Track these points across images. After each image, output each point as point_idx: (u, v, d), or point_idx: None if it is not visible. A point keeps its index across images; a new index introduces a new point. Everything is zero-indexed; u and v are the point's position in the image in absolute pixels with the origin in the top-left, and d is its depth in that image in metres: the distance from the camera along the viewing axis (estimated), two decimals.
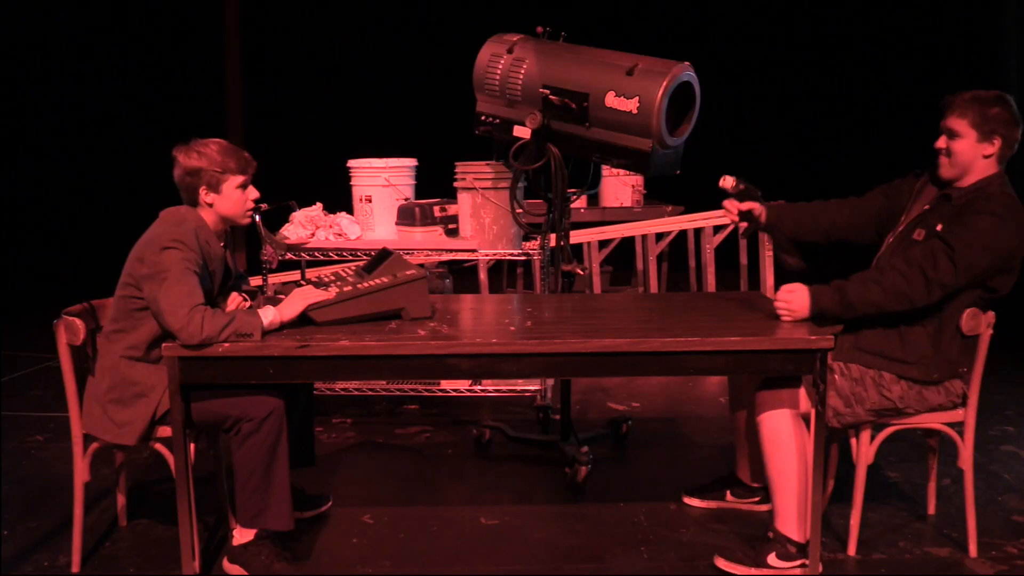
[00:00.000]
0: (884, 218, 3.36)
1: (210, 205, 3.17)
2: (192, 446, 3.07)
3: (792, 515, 3.13)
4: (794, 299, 3.10)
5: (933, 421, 3.25)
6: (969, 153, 3.11)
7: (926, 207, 3.21)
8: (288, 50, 9.14)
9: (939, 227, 3.09)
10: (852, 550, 3.28)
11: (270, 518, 3.07)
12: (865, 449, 3.23)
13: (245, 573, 3.09)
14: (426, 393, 4.85)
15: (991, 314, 3.15)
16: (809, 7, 8.67)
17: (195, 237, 3.07)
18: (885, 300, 3.04)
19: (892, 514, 3.62)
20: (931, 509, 3.61)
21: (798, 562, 3.13)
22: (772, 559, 3.13)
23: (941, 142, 3.15)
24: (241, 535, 3.12)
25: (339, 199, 4.91)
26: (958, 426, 3.24)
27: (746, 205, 3.37)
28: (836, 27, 8.59)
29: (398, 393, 4.91)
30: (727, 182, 3.36)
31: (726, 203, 3.40)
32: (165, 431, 3.12)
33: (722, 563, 3.19)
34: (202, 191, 3.15)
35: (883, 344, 3.16)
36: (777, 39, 9.01)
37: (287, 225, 4.76)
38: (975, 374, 3.19)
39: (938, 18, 7.28)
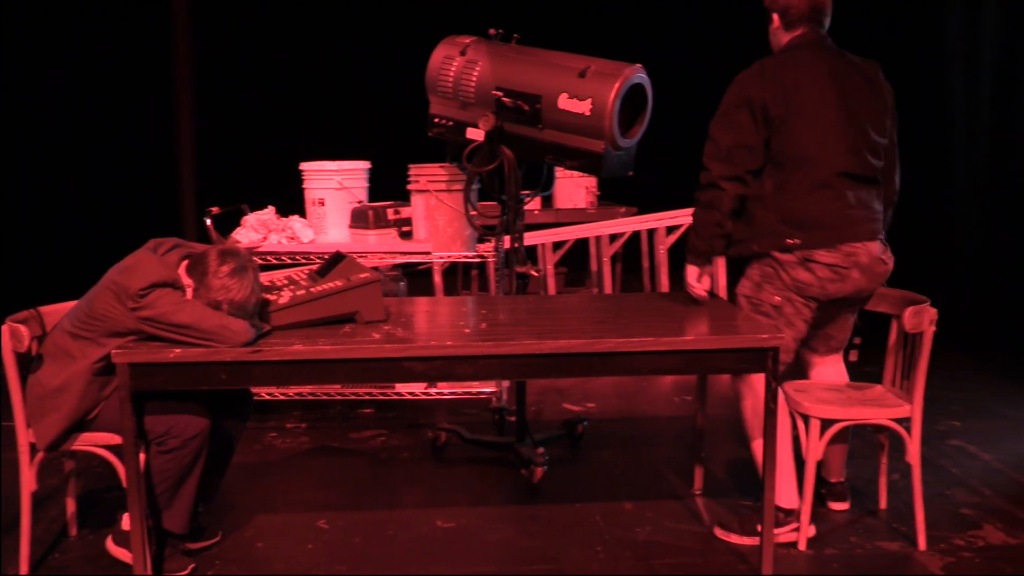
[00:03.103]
0: None
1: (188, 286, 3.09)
2: (143, 455, 3.04)
3: (778, 485, 3.23)
4: (688, 273, 3.47)
5: (881, 417, 3.31)
6: (772, 36, 3.53)
7: None
8: (239, 51, 9.04)
9: None
10: (803, 545, 3.32)
11: (168, 518, 3.18)
12: (815, 445, 3.28)
13: (129, 557, 3.10)
14: (381, 397, 4.83)
15: (934, 311, 3.22)
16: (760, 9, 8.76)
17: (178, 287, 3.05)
18: (703, 208, 3.34)
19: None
20: (882, 504, 3.67)
21: (789, 527, 3.33)
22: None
23: None
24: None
25: (292, 202, 4.88)
26: (905, 422, 3.31)
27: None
28: None
29: (353, 397, 4.88)
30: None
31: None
32: (89, 438, 3.13)
33: (720, 533, 3.43)
34: (192, 279, 3.07)
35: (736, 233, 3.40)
36: (729, 41, 9.10)
37: (239, 229, 4.71)
38: (919, 370, 3.26)
39: (883, 20, 7.39)
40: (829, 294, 3.31)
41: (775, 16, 3.46)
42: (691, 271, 3.45)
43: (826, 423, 3.30)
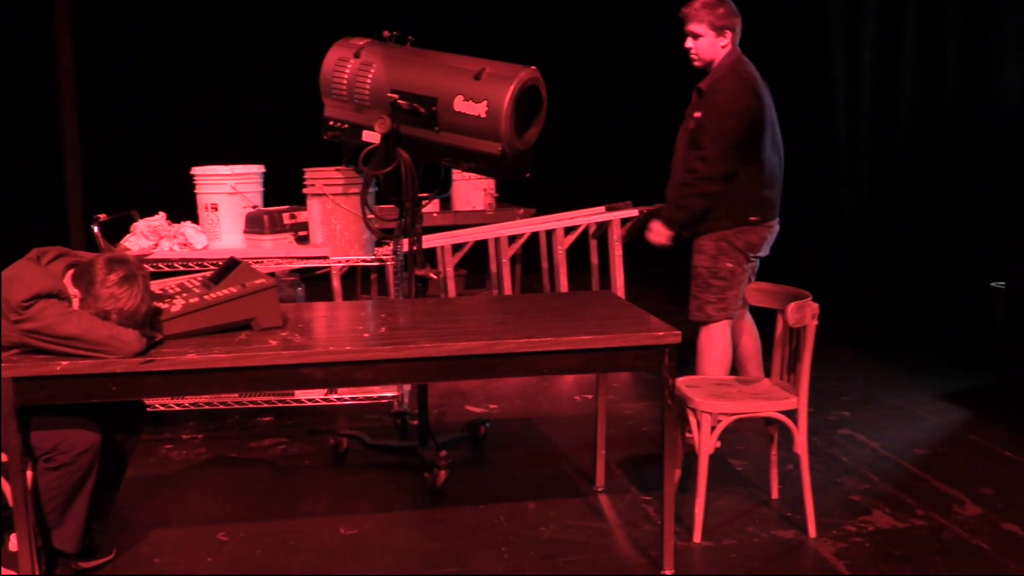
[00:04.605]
0: None
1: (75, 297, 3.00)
2: (30, 473, 2.93)
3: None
4: (657, 233, 4.24)
5: (768, 410, 3.42)
6: (711, 48, 4.15)
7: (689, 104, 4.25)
8: (125, 50, 8.77)
9: (697, 115, 4.12)
10: (697, 537, 3.40)
11: (58, 537, 3.07)
12: (706, 439, 3.36)
13: None
14: (280, 404, 4.76)
15: (815, 306, 3.35)
16: (652, 9, 8.92)
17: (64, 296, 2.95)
18: (700, 197, 4.08)
19: (740, 501, 3.77)
20: (774, 494, 3.78)
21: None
22: None
23: (688, 43, 4.19)
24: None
25: (183, 208, 4.76)
26: (793, 414, 3.41)
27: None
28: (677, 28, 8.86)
29: (251, 405, 4.79)
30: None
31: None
32: None
33: None
34: (78, 288, 2.97)
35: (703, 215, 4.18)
36: (624, 44, 9.25)
37: (128, 236, 4.59)
38: (804, 364, 3.38)
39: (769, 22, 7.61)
40: (762, 250, 4.25)
41: (728, 33, 4.14)
42: (666, 233, 4.23)
43: (716, 418, 3.39)
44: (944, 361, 5.70)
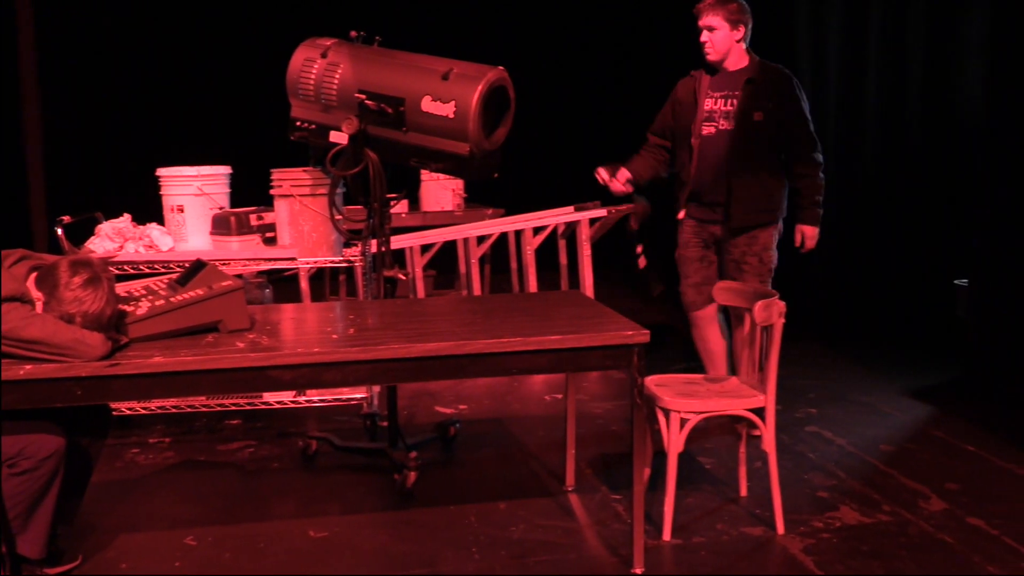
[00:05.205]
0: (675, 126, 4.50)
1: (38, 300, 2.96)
2: None
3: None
4: (812, 236, 4.38)
5: (737, 408, 3.44)
6: (726, 41, 4.28)
7: (736, 93, 4.30)
8: (90, 50, 8.67)
9: (771, 106, 4.24)
10: (667, 535, 3.41)
11: (23, 543, 3.04)
12: (675, 438, 3.38)
13: None
14: (248, 407, 4.72)
15: (782, 304, 3.38)
16: (621, 11, 8.96)
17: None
18: (821, 182, 4.32)
19: (709, 498, 3.79)
20: (743, 491, 3.80)
21: None
22: None
23: (703, 37, 4.31)
24: None
25: (149, 210, 4.72)
26: (760, 411, 3.44)
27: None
28: (647, 29, 8.90)
29: (219, 408, 4.75)
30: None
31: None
32: None
33: None
34: (42, 291, 2.93)
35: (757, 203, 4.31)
36: (590, 42, 9.28)
37: (93, 238, 4.54)
38: (771, 362, 3.40)
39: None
40: None
41: (742, 27, 4.30)
42: (817, 231, 4.39)
43: (685, 416, 3.41)
44: (909, 358, 5.77)
